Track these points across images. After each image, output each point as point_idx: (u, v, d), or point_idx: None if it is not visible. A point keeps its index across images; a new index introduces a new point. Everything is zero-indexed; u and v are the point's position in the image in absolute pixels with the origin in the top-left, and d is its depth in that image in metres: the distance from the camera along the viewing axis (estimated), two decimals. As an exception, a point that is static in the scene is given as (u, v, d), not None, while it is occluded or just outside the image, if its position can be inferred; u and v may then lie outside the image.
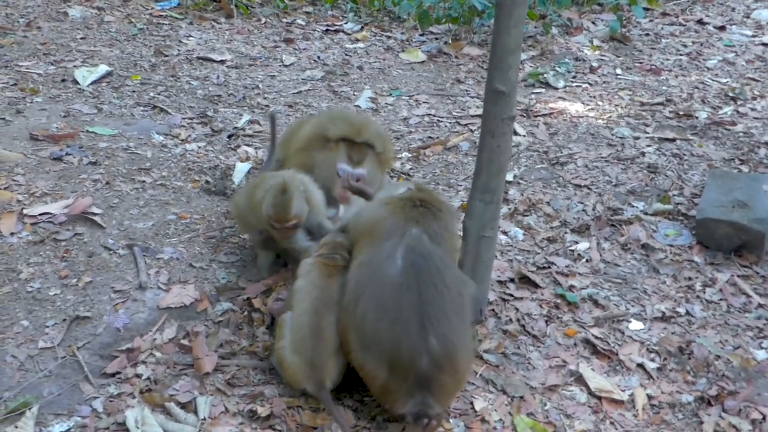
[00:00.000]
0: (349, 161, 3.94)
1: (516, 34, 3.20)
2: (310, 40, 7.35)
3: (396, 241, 3.01)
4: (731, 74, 7.12)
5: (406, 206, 3.17)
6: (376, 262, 3.01)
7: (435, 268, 3.00)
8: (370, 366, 2.91)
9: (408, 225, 3.08)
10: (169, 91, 5.91)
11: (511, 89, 3.26)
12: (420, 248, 3.02)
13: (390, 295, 2.91)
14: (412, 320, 2.85)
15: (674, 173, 5.19)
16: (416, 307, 2.87)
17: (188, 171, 4.70)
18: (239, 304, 3.61)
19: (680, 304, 3.94)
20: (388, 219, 3.11)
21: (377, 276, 2.98)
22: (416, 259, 2.98)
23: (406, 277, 2.94)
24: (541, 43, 7.58)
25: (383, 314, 2.89)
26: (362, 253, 3.11)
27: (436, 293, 2.94)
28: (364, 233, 3.19)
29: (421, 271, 2.96)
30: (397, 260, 2.97)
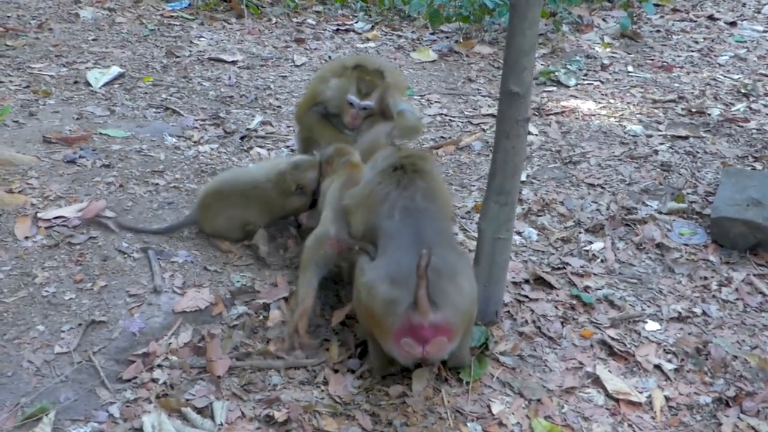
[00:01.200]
0: (358, 93, 4.19)
1: (531, 36, 3.19)
2: (320, 40, 7.34)
3: (391, 204, 3.30)
4: (743, 70, 7.09)
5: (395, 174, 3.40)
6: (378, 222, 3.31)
7: (430, 218, 3.26)
8: (373, 286, 3.03)
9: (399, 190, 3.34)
10: (181, 93, 5.91)
11: (526, 91, 3.25)
12: (414, 205, 3.29)
13: (391, 234, 3.22)
14: (410, 249, 3.04)
15: (688, 171, 5.17)
16: (415, 242, 3.09)
17: (201, 173, 4.70)
18: (254, 307, 3.61)
19: (696, 304, 3.92)
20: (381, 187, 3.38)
21: (381, 228, 3.29)
22: (412, 212, 3.27)
23: (404, 223, 3.23)
24: (552, 41, 7.55)
25: (387, 248, 3.19)
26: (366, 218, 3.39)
27: (432, 232, 3.20)
28: (360, 205, 3.43)
29: (417, 218, 3.23)
30: (395, 215, 3.26)
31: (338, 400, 3.14)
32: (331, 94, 4.29)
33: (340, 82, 4.26)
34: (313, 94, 4.40)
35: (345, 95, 4.22)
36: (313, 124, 4.38)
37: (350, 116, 4.24)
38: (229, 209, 3.99)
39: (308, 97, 4.44)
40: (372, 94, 4.22)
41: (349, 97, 4.21)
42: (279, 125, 5.47)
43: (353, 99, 4.21)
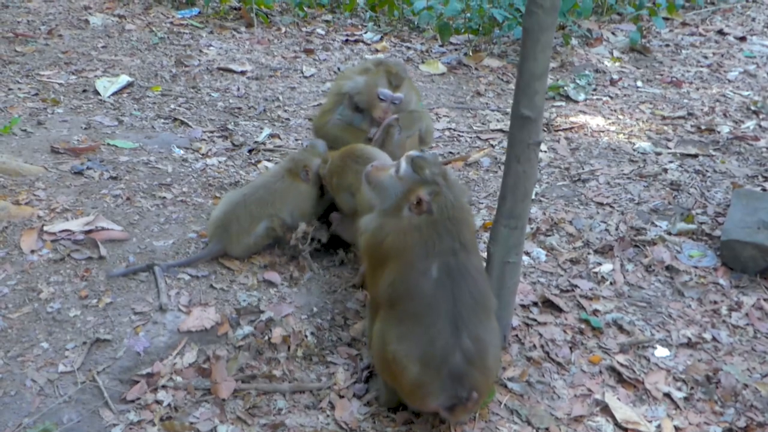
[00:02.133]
0: (389, 85, 4.20)
1: (543, 60, 3.17)
2: (329, 51, 7.33)
3: (428, 254, 3.02)
4: (752, 86, 7.05)
5: (433, 227, 3.05)
6: (412, 278, 3.02)
7: (472, 279, 3.04)
8: (403, 361, 2.93)
9: (438, 235, 3.05)
10: (189, 103, 5.90)
11: (538, 115, 3.23)
12: (454, 261, 3.03)
13: (427, 300, 2.97)
14: (446, 322, 2.93)
15: (697, 191, 5.13)
16: (450, 313, 2.94)
17: (209, 186, 4.68)
18: (260, 328, 3.58)
19: (706, 329, 3.89)
20: (418, 246, 3.04)
21: (414, 287, 3.01)
22: (453, 270, 3.01)
23: (443, 287, 2.98)
24: (561, 55, 7.52)
25: (420, 317, 2.97)
26: (393, 272, 3.06)
27: (472, 302, 3.00)
28: (392, 256, 3.09)
29: (458, 281, 3.00)
30: (433, 272, 2.99)
31: (344, 426, 3.11)
32: (360, 90, 4.28)
33: (368, 78, 4.26)
34: (336, 94, 4.39)
35: (375, 90, 4.21)
36: (337, 133, 4.35)
37: (381, 110, 4.23)
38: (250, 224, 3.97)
39: (330, 103, 4.43)
40: (401, 87, 4.24)
41: (380, 90, 4.21)
42: (287, 138, 5.45)
43: (385, 92, 4.21)
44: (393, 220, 3.11)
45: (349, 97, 4.32)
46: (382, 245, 3.10)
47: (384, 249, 3.09)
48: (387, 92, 4.22)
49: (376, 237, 3.14)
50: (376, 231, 3.15)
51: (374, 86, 4.22)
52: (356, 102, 4.32)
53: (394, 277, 3.03)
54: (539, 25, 3.12)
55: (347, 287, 3.95)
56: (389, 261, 3.07)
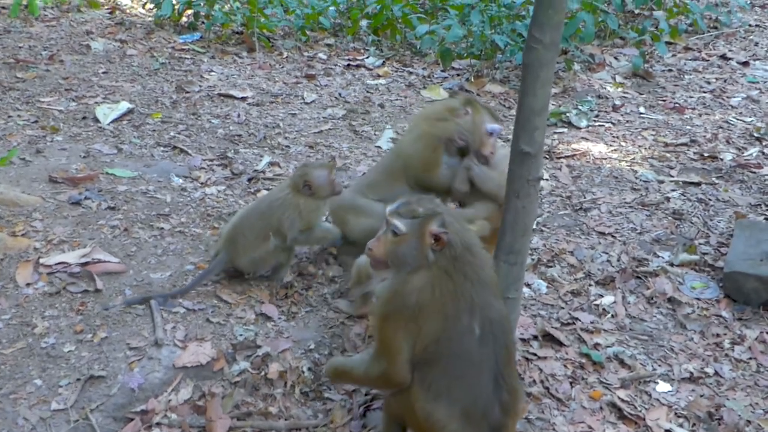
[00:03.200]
0: (493, 119, 4.13)
1: (543, 95, 3.14)
2: (331, 76, 7.31)
3: (469, 309, 2.85)
4: (756, 113, 7.03)
5: (459, 267, 2.88)
6: (456, 336, 2.85)
7: (507, 329, 2.97)
8: (443, 420, 2.84)
9: (472, 286, 2.89)
10: (189, 130, 5.88)
11: (537, 150, 3.20)
12: (492, 313, 2.89)
13: (472, 360, 2.86)
14: (489, 379, 2.86)
15: (700, 220, 5.10)
16: (492, 370, 2.86)
17: (207, 217, 4.65)
18: (257, 363, 3.53)
19: (708, 363, 3.84)
20: (452, 298, 2.86)
21: (458, 346, 2.85)
22: (493, 325, 2.88)
23: (485, 343, 2.86)
24: (563, 80, 7.51)
25: (463, 377, 2.86)
26: (432, 332, 2.85)
27: (506, 353, 2.92)
28: (424, 314, 2.85)
29: (496, 335, 2.89)
30: (475, 328, 2.85)
31: (340, 465, 3.07)
32: (469, 129, 4.12)
33: (473, 117, 4.13)
34: (431, 144, 4.16)
35: (483, 127, 4.09)
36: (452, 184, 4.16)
37: (491, 147, 4.11)
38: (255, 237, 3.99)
39: (428, 154, 4.18)
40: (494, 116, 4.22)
41: (491, 126, 4.10)
42: (287, 166, 5.42)
43: (494, 126, 4.11)
44: (416, 275, 2.88)
45: (450, 141, 4.15)
46: (409, 305, 2.85)
47: (412, 308, 2.85)
48: (496, 126, 4.12)
49: (399, 297, 2.88)
50: (399, 290, 2.89)
51: (482, 123, 4.10)
52: (462, 144, 4.14)
53: (436, 336, 2.83)
54: (539, 60, 3.10)
55: (345, 321, 3.91)
56: (421, 321, 2.84)
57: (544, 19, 3.06)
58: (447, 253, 2.86)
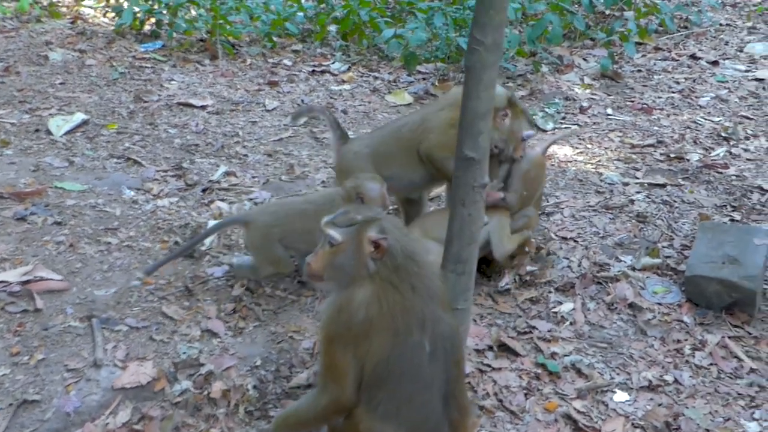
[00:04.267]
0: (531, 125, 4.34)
1: (486, 98, 3.05)
2: (294, 83, 7.20)
3: (420, 331, 2.71)
4: (724, 112, 6.95)
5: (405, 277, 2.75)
6: (406, 354, 2.71)
7: (458, 344, 2.86)
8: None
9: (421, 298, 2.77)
10: (145, 141, 5.75)
11: (482, 156, 3.10)
12: (442, 328, 2.77)
13: (424, 379, 2.73)
14: (439, 398, 2.75)
15: (664, 222, 5.01)
16: (442, 388, 2.75)
17: (157, 230, 4.53)
18: (199, 382, 3.41)
19: (668, 370, 3.75)
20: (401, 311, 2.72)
21: (409, 365, 2.72)
22: (444, 340, 2.76)
23: (436, 360, 2.74)
24: (530, 82, 7.42)
25: (413, 397, 2.73)
26: (380, 350, 2.70)
27: (457, 370, 2.82)
28: (374, 331, 2.70)
29: (447, 352, 2.77)
30: (425, 344, 2.72)
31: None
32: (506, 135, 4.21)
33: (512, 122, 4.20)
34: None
35: (519, 133, 4.22)
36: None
37: (521, 151, 4.28)
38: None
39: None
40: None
41: (527, 133, 4.27)
42: (244, 176, 5.30)
43: (530, 133, 4.30)
44: (360, 289, 2.73)
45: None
46: (357, 322, 2.71)
47: (360, 325, 2.70)
48: (531, 132, 4.31)
49: (345, 315, 2.73)
50: (344, 307, 2.74)
51: (519, 130, 4.22)
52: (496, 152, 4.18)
53: (386, 354, 2.69)
54: (481, 63, 3.01)
55: (294, 335, 3.80)
56: (371, 338, 2.70)
57: (485, 20, 2.96)
58: (389, 262, 2.72)
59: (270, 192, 5.08)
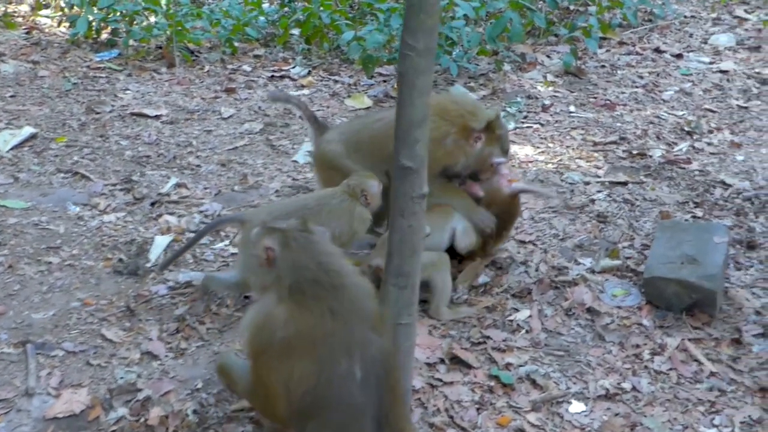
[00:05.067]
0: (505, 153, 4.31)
1: (421, 105, 2.92)
2: (252, 89, 7.05)
3: (348, 358, 2.62)
4: (688, 106, 6.87)
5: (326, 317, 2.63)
6: (335, 383, 2.60)
7: (392, 367, 2.73)
8: None
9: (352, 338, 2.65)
10: (95, 154, 5.60)
11: (420, 165, 2.98)
12: (373, 352, 2.66)
13: (354, 409, 2.61)
14: (372, 426, 2.63)
15: (625, 222, 4.92)
16: (376, 417, 2.63)
17: (102, 247, 4.39)
18: (136, 409, 3.27)
19: (626, 377, 3.64)
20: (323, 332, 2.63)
21: (336, 394, 2.61)
22: (375, 367, 2.65)
23: (367, 387, 2.62)
24: (492, 81, 7.30)
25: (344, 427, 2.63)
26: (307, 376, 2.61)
27: (392, 395, 2.70)
28: (296, 353, 2.62)
29: (380, 378, 2.65)
30: (356, 372, 2.61)
31: None
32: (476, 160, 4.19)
33: (483, 148, 4.16)
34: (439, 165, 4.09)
35: (489, 159, 4.20)
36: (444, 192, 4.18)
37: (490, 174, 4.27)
38: None
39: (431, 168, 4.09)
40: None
41: (497, 160, 4.24)
42: (195, 187, 5.16)
43: (501, 160, 4.26)
44: (279, 306, 2.66)
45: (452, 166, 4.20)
46: (276, 339, 2.63)
47: (280, 344, 2.62)
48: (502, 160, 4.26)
49: (266, 331, 2.66)
50: (263, 323, 2.68)
51: (490, 156, 4.20)
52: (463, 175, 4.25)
53: (312, 383, 2.58)
54: (414, 68, 2.87)
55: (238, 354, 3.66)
56: (297, 358, 2.61)
57: (415, 24, 2.83)
58: (285, 277, 2.67)
59: (221, 203, 4.95)
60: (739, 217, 5.02)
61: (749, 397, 3.52)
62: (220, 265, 4.32)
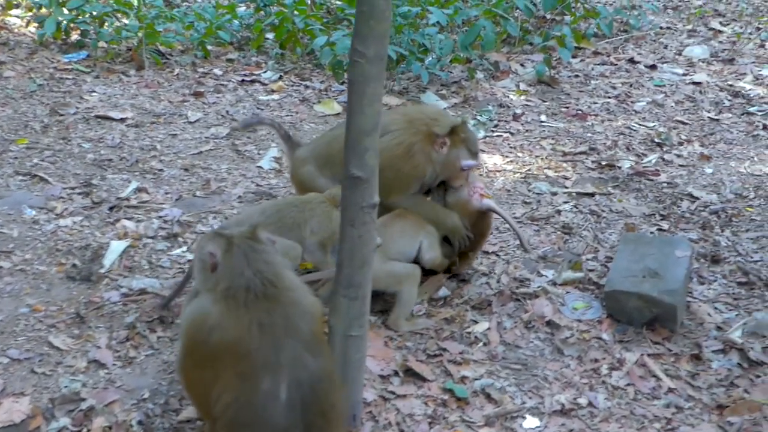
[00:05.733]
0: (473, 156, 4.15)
1: (371, 113, 2.87)
2: (221, 93, 6.97)
3: (272, 378, 2.51)
4: (659, 117, 6.85)
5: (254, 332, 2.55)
6: (258, 402, 2.51)
7: (326, 389, 2.62)
8: None
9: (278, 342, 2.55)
10: (55, 156, 5.50)
11: (370, 174, 2.93)
12: (302, 373, 2.56)
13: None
14: None
15: (590, 233, 4.88)
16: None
17: (56, 252, 4.30)
18: (78, 419, 3.19)
19: (583, 392, 3.59)
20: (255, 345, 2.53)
21: (261, 416, 2.51)
22: (302, 390, 2.54)
23: (292, 409, 2.52)
24: (464, 89, 7.26)
25: None
26: (231, 388, 2.53)
27: (324, 421, 2.60)
28: (225, 360, 2.55)
29: (307, 401, 2.55)
30: (281, 394, 2.51)
31: None
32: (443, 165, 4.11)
33: (450, 151, 4.07)
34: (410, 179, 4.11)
35: (458, 163, 4.08)
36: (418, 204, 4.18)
37: (462, 180, 4.18)
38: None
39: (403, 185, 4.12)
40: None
41: (465, 163, 4.11)
42: (156, 192, 5.07)
43: (470, 163, 4.13)
44: (218, 305, 2.62)
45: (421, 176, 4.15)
46: (210, 342, 2.56)
47: (212, 347, 2.56)
48: (471, 163, 4.13)
49: (202, 329, 2.60)
50: (202, 320, 2.62)
51: (457, 159, 4.09)
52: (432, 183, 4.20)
53: (233, 398, 2.50)
54: (363, 76, 2.83)
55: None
56: (221, 368, 2.54)
57: (365, 30, 2.79)
58: (222, 284, 2.61)
59: (182, 209, 4.86)
60: (704, 230, 4.99)
61: (706, 415, 3.48)
62: (177, 272, 4.23)
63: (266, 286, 2.62)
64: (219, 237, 2.77)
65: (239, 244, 2.74)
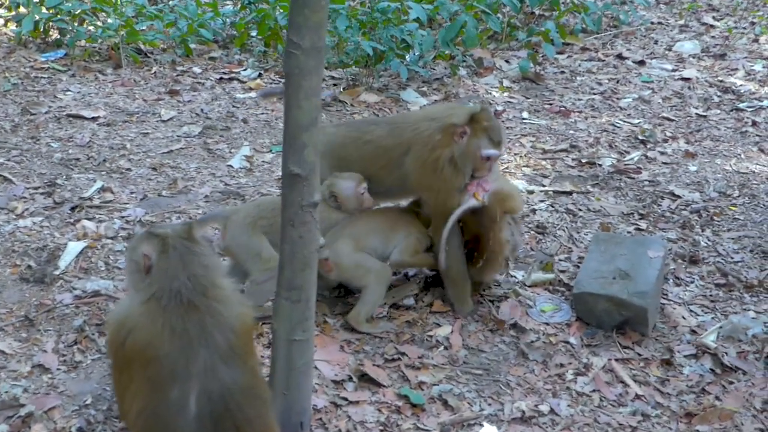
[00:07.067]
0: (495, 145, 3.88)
1: (309, 108, 2.74)
2: (197, 91, 6.84)
3: (181, 388, 2.40)
4: (645, 114, 6.72)
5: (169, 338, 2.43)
6: (167, 414, 2.39)
7: (242, 404, 2.48)
8: None
9: (190, 350, 2.43)
10: (22, 156, 5.39)
11: (309, 171, 2.80)
12: (214, 385, 2.43)
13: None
14: None
15: (565, 233, 4.75)
16: None
17: (12, 253, 4.19)
18: (16, 425, 3.07)
19: (545, 399, 3.46)
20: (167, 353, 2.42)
21: (163, 427, 2.41)
22: (213, 404, 2.42)
23: (202, 429, 2.40)
24: (446, 86, 7.13)
25: None
26: (141, 396, 2.43)
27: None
28: (138, 366, 2.44)
29: (218, 416, 2.42)
30: (191, 407, 2.40)
31: None
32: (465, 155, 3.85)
33: (470, 140, 3.83)
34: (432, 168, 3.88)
35: (479, 152, 3.83)
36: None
37: (486, 171, 3.90)
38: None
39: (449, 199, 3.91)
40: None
41: (487, 152, 3.85)
42: (121, 192, 4.95)
43: (493, 152, 3.87)
44: (141, 307, 2.51)
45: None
46: (126, 344, 2.46)
47: (127, 351, 2.46)
48: (493, 152, 3.87)
49: (120, 332, 2.49)
50: (122, 322, 2.51)
51: (478, 149, 3.84)
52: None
53: (143, 406, 2.40)
54: (299, 68, 2.70)
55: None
56: (135, 372, 2.44)
57: (300, 20, 2.66)
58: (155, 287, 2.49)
59: (145, 209, 4.74)
60: (684, 230, 4.85)
61: (674, 423, 3.35)
62: (133, 273, 4.09)
63: (195, 291, 2.48)
64: (153, 237, 2.64)
65: (175, 245, 2.61)
